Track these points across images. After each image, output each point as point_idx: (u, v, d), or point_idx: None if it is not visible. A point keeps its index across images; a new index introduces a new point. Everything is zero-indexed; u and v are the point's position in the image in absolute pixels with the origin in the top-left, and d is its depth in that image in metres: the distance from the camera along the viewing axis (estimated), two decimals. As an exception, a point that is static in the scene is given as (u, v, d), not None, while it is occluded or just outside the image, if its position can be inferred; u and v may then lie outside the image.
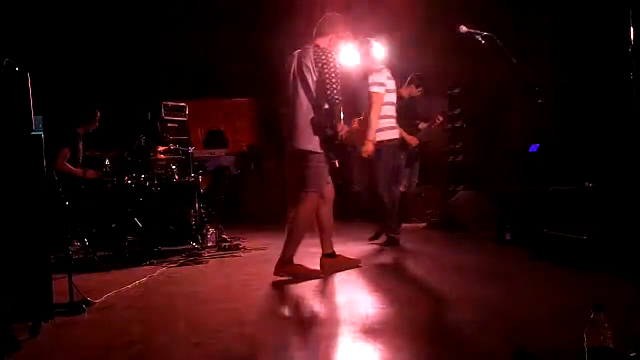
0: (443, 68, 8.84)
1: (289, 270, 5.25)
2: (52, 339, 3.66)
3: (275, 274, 5.23)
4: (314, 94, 5.20)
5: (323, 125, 5.17)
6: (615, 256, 4.70)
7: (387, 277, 5.21)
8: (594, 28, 6.98)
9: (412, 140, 7.65)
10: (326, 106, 5.16)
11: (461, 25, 5.38)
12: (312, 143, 5.20)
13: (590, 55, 7.20)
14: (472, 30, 5.38)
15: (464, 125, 9.38)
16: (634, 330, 2.87)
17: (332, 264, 5.38)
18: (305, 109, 5.23)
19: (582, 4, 7.12)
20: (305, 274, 5.22)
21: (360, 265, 5.55)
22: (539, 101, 5.60)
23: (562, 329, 3.27)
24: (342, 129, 5.24)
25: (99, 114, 7.59)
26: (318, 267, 5.38)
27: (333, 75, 5.11)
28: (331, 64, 5.14)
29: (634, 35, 5.05)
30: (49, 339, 3.64)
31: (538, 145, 6.96)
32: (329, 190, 5.45)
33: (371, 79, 6.67)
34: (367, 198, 7.65)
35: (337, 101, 5.09)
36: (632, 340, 2.55)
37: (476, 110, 9.20)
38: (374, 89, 6.64)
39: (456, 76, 9.32)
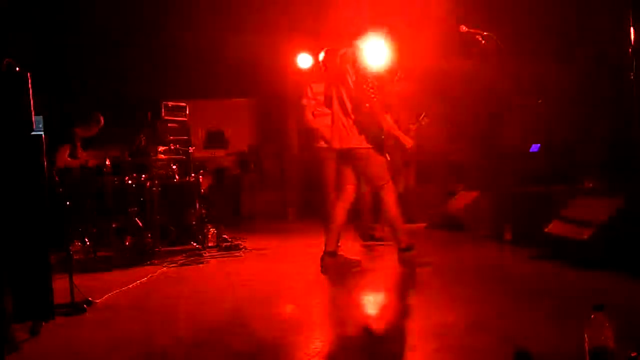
0: (443, 68, 8.83)
1: (412, 256, 5.38)
2: (52, 339, 3.66)
3: (402, 263, 5.36)
4: (355, 95, 5.35)
5: (367, 123, 5.31)
6: (615, 256, 4.70)
7: (387, 277, 5.22)
8: (594, 28, 6.98)
9: (407, 142, 7.63)
10: (367, 105, 5.29)
11: (461, 25, 5.38)
12: (361, 141, 5.35)
13: (591, 54, 7.20)
14: (472, 30, 5.38)
15: (465, 125, 9.37)
16: (635, 330, 2.87)
17: (334, 263, 5.38)
18: (349, 110, 5.39)
19: (583, 4, 7.11)
20: (418, 261, 5.39)
21: (359, 265, 5.55)
22: (539, 101, 5.61)
23: (563, 329, 3.27)
24: (387, 124, 5.37)
25: (102, 121, 7.57)
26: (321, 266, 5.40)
27: (369, 75, 5.25)
28: (367, 65, 5.28)
29: (634, 35, 5.05)
30: (49, 339, 3.65)
31: (539, 145, 6.96)
32: (350, 191, 5.52)
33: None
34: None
35: (375, 99, 5.23)
36: (633, 340, 2.55)
37: (476, 110, 9.19)
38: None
39: (456, 76, 9.30)
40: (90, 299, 4.50)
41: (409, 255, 5.42)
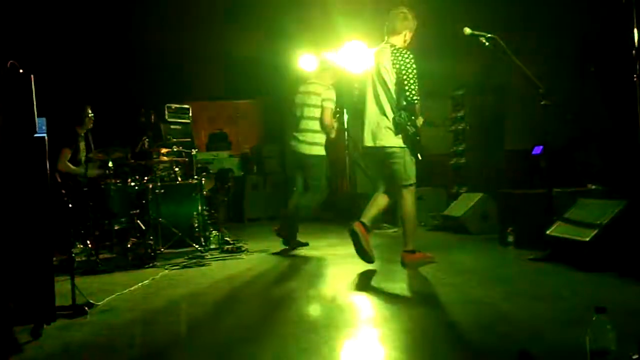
0: (446, 70, 8.82)
1: (417, 258, 5.47)
2: (54, 341, 3.66)
3: (405, 265, 5.44)
4: (394, 95, 5.34)
5: (405, 124, 5.31)
6: (617, 258, 4.69)
7: (388, 278, 5.21)
8: (598, 29, 6.97)
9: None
10: (404, 104, 5.30)
11: (465, 27, 5.37)
12: (396, 140, 5.36)
13: (594, 56, 7.18)
14: (476, 32, 5.37)
15: (467, 127, 9.36)
16: (637, 332, 2.86)
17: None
18: (387, 109, 5.38)
19: (587, 5, 7.10)
20: (428, 259, 5.54)
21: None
22: (542, 102, 5.60)
23: (565, 331, 3.26)
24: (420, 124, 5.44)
25: (89, 110, 7.57)
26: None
27: (411, 75, 5.27)
28: (408, 64, 5.30)
29: (637, 37, 5.04)
30: (50, 342, 3.64)
31: (542, 147, 6.95)
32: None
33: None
34: None
35: (416, 101, 5.28)
36: (635, 342, 2.54)
37: (479, 112, 9.18)
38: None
39: (459, 78, 9.30)
40: (91, 301, 4.50)
41: (413, 257, 5.46)
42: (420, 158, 5.45)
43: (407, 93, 5.26)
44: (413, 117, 5.34)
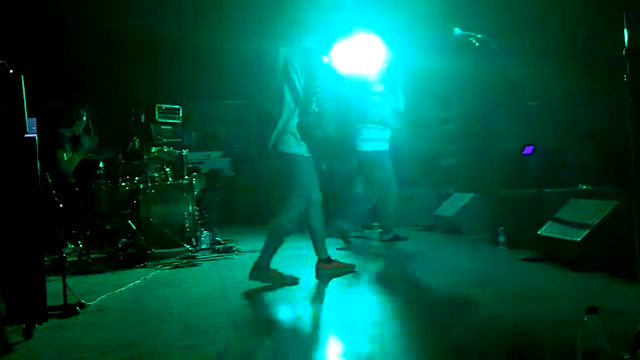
0: (436, 70, 8.84)
1: (333, 267, 5.27)
2: (45, 341, 3.65)
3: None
4: (302, 97, 4.99)
5: (311, 129, 4.98)
6: (608, 258, 4.71)
7: (381, 280, 5.22)
8: (588, 29, 7.00)
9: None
10: (315, 109, 4.97)
11: (455, 27, 5.38)
12: (300, 147, 5.03)
13: (584, 56, 7.21)
14: (465, 33, 5.38)
15: (457, 127, 9.40)
16: (627, 332, 2.87)
17: (328, 268, 5.33)
18: (292, 112, 5.03)
19: (577, 5, 7.13)
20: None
21: (354, 270, 5.50)
22: (530, 103, 5.62)
23: (556, 331, 3.28)
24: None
25: (81, 112, 7.54)
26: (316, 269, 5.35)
27: (321, 78, 5.01)
28: (319, 66, 5.07)
29: (627, 37, 5.06)
30: (42, 342, 3.63)
31: (532, 147, 6.97)
32: (317, 193, 5.28)
33: None
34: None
35: (326, 105, 4.99)
36: (625, 342, 2.56)
37: (469, 112, 9.20)
38: None
39: (449, 78, 9.32)
40: (83, 301, 4.49)
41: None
42: (324, 168, 5.25)
43: (316, 96, 4.94)
44: (323, 123, 4.99)
